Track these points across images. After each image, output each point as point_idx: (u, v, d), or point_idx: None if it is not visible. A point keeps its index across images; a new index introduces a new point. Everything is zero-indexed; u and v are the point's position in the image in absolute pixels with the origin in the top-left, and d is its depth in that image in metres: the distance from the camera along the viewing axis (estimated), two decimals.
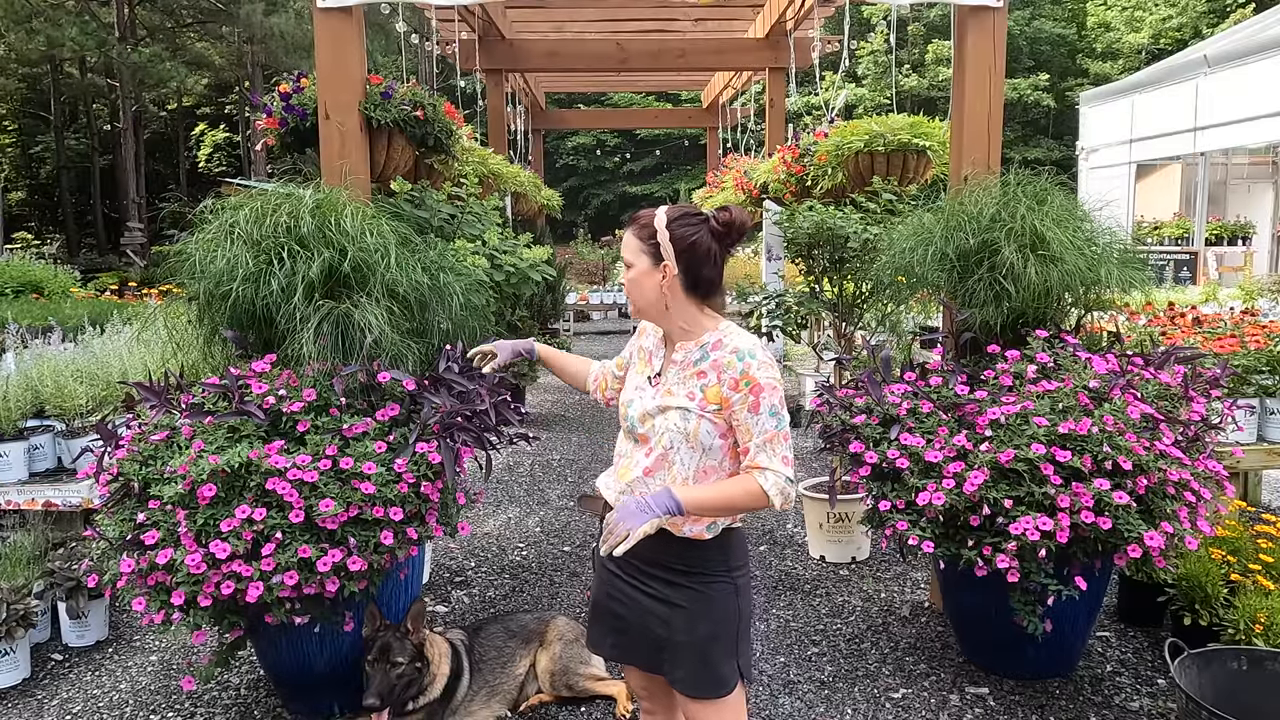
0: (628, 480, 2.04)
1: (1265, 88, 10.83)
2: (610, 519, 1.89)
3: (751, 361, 1.93)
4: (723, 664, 2.03)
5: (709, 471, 2.00)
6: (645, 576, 2.06)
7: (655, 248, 1.98)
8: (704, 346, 2.01)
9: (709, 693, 2.03)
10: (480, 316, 3.41)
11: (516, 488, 5.77)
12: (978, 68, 3.71)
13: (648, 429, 2.02)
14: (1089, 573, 2.82)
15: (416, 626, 2.87)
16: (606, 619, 2.16)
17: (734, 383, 1.93)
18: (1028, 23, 28.08)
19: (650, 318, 2.08)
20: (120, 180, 22.93)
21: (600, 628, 2.19)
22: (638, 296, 2.04)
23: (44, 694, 3.28)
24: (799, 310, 4.62)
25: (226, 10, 21.28)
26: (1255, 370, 3.91)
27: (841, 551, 4.42)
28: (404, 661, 2.80)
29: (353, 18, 3.64)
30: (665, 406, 2.00)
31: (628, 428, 2.09)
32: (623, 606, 2.10)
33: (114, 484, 2.72)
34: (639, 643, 2.10)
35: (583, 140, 30.59)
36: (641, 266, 2.01)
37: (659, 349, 2.12)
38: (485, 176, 6.21)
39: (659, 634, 2.05)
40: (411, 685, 2.84)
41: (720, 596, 2.03)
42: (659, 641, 2.05)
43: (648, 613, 2.06)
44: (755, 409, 1.92)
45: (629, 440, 2.10)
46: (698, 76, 12.42)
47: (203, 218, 3.13)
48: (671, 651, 2.04)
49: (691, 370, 2.00)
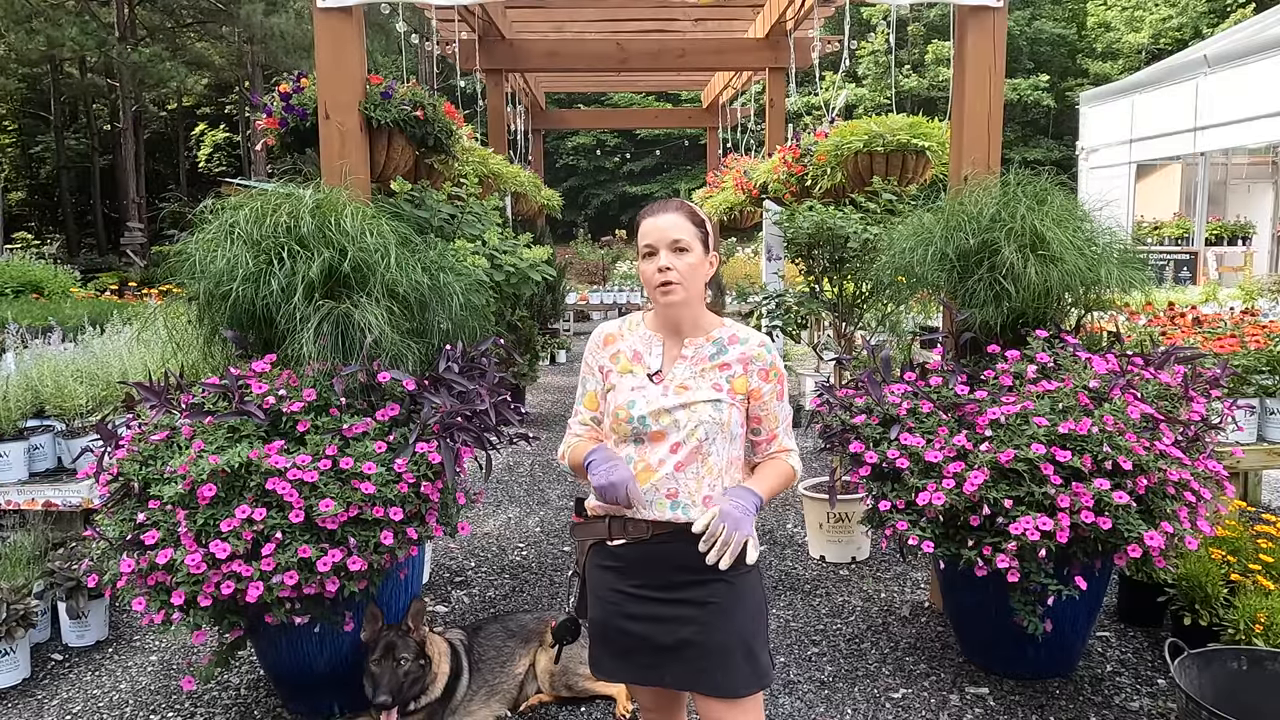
0: (654, 480, 1.98)
1: (1265, 88, 10.83)
2: (714, 529, 1.87)
3: (774, 353, 2.06)
4: (763, 654, 2.03)
5: (734, 461, 2.04)
6: (671, 586, 1.99)
7: (706, 236, 2.03)
8: (718, 341, 2.04)
9: (754, 686, 2.00)
10: (480, 316, 3.41)
11: (516, 488, 5.77)
12: (978, 68, 3.71)
13: (665, 425, 1.98)
14: (1089, 573, 2.82)
15: (417, 624, 2.88)
16: (619, 642, 2.05)
17: (764, 373, 2.03)
18: (1028, 23, 28.09)
19: (686, 310, 2.04)
20: (120, 180, 22.93)
21: (609, 652, 2.08)
22: (691, 283, 2.00)
23: (44, 694, 3.28)
24: (799, 310, 4.62)
25: (226, 10, 21.29)
26: (1255, 370, 3.91)
27: (841, 551, 4.42)
28: (409, 658, 2.80)
29: (353, 18, 3.64)
30: (689, 402, 1.98)
31: (631, 429, 2.01)
32: (641, 624, 2.01)
33: (114, 484, 2.72)
34: (666, 660, 2.00)
35: (583, 140, 30.59)
36: (697, 252, 2.01)
37: (651, 346, 2.08)
38: (485, 176, 6.21)
39: (694, 640, 1.97)
40: (417, 683, 2.84)
41: (751, 586, 2.03)
42: (693, 650, 1.98)
43: (678, 622, 1.98)
44: (780, 396, 2.07)
45: (629, 443, 2.02)
46: (698, 76, 12.41)
47: (203, 218, 3.13)
48: (710, 656, 1.97)
49: (709, 364, 2.02)
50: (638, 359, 2.08)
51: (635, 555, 2.01)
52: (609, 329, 2.15)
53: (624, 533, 2.01)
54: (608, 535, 2.02)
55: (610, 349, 2.12)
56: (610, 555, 2.05)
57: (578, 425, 2.14)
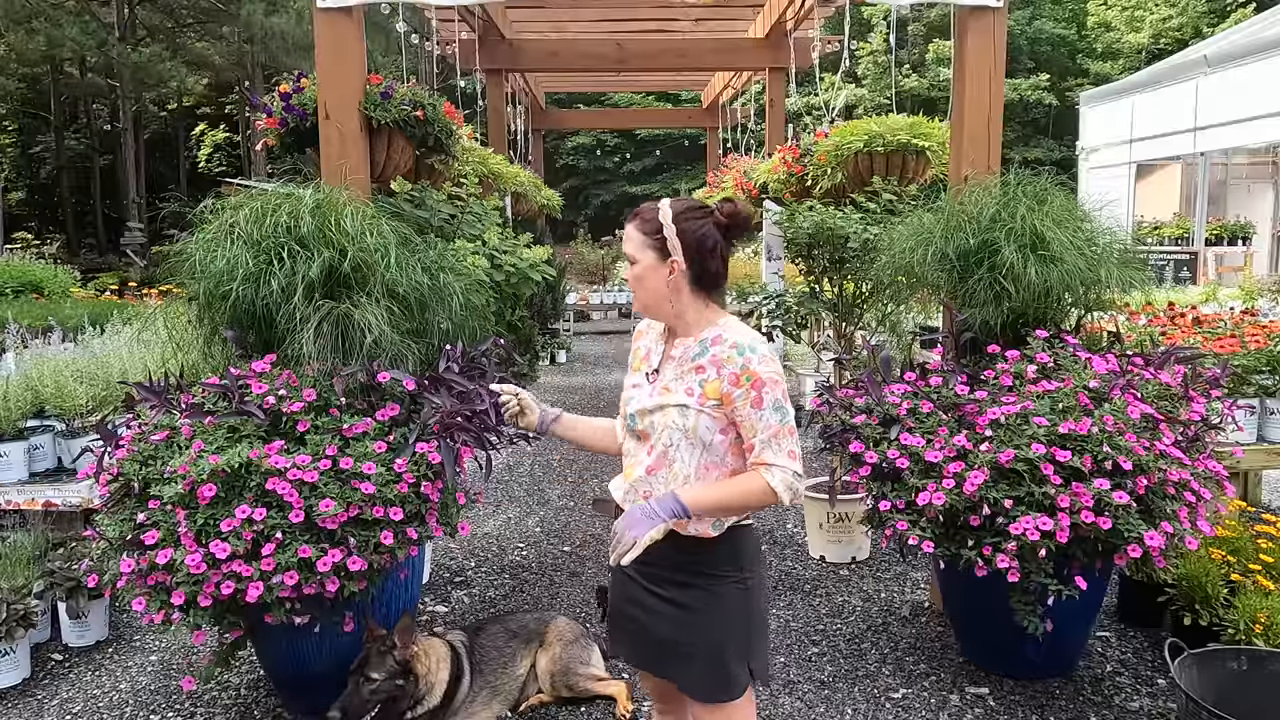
0: (632, 480, 2.03)
1: (1265, 88, 10.82)
2: (617, 527, 1.88)
3: (752, 356, 1.90)
4: (731, 666, 2.00)
5: (710, 468, 1.97)
6: (657, 580, 2.03)
7: (661, 242, 1.95)
8: (704, 341, 1.97)
9: (717, 696, 2.00)
10: (480, 316, 3.41)
11: (516, 488, 5.77)
12: (978, 68, 3.70)
13: (646, 425, 2.00)
14: (1089, 573, 2.81)
15: (404, 641, 2.81)
16: (623, 623, 2.15)
17: (735, 378, 1.89)
18: (1028, 23, 28.06)
19: (655, 314, 2.04)
20: (120, 180, 22.93)
21: (619, 633, 2.19)
22: (642, 293, 2.00)
23: (44, 694, 3.28)
24: (799, 310, 4.62)
25: (226, 10, 21.29)
26: (1255, 370, 3.91)
27: (841, 551, 4.42)
28: (379, 678, 2.74)
29: (353, 18, 3.64)
30: (663, 404, 1.97)
31: (628, 426, 2.07)
32: (637, 609, 2.08)
33: (114, 484, 2.72)
34: (651, 647, 2.07)
35: (583, 140, 30.56)
36: (647, 262, 1.97)
37: (658, 345, 2.09)
38: (485, 176, 6.21)
39: (670, 637, 2.02)
40: (395, 702, 2.78)
41: (730, 597, 2.00)
42: (668, 646, 2.03)
43: (659, 616, 2.03)
44: (758, 404, 1.88)
45: (631, 439, 2.08)
46: (698, 76, 12.42)
47: (203, 218, 3.13)
48: (682, 655, 2.01)
49: (690, 365, 1.96)
50: (647, 357, 2.11)
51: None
52: (641, 324, 2.19)
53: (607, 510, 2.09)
54: (614, 515, 2.04)
55: (637, 343, 2.17)
56: None
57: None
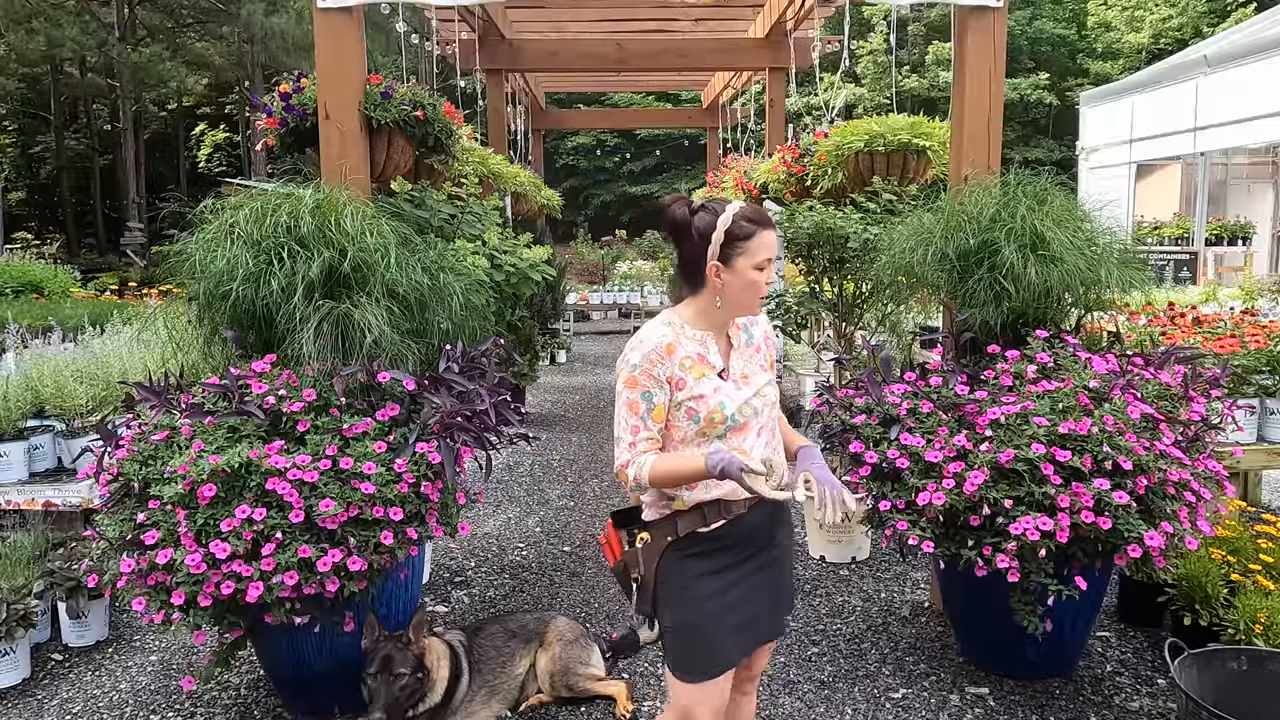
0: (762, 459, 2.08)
1: (1265, 88, 10.81)
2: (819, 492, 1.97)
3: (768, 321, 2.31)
4: None
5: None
6: (759, 548, 2.18)
7: None
8: (745, 327, 2.20)
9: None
10: (480, 316, 3.42)
11: (516, 488, 5.77)
12: (978, 68, 3.70)
13: (748, 415, 2.11)
14: (1089, 573, 2.82)
15: (418, 636, 2.84)
16: (745, 611, 2.15)
17: (770, 342, 2.26)
18: (1028, 23, 28.06)
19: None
20: (120, 180, 22.93)
21: (735, 625, 2.13)
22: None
23: (44, 694, 3.28)
24: (799, 310, 4.62)
25: (226, 10, 21.29)
26: (1255, 370, 3.91)
27: (841, 551, 4.42)
28: (407, 673, 2.77)
29: (353, 18, 3.64)
30: (759, 388, 2.14)
31: (725, 428, 2.05)
32: (742, 593, 2.15)
33: (114, 484, 2.72)
34: (785, 591, 2.30)
35: (583, 140, 30.56)
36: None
37: (709, 345, 2.11)
38: (485, 176, 6.21)
39: (774, 582, 2.24)
40: (414, 695, 2.82)
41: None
42: (773, 594, 2.24)
43: (764, 578, 2.19)
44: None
45: (710, 441, 2.04)
46: (698, 76, 12.42)
47: (203, 218, 3.13)
48: (784, 594, 2.30)
49: (748, 350, 2.19)
50: (702, 360, 2.08)
51: (737, 530, 2.12)
52: (665, 338, 2.05)
53: (719, 515, 2.09)
54: (703, 522, 2.09)
55: (674, 358, 2.05)
56: (704, 540, 2.10)
57: (646, 441, 2.04)
